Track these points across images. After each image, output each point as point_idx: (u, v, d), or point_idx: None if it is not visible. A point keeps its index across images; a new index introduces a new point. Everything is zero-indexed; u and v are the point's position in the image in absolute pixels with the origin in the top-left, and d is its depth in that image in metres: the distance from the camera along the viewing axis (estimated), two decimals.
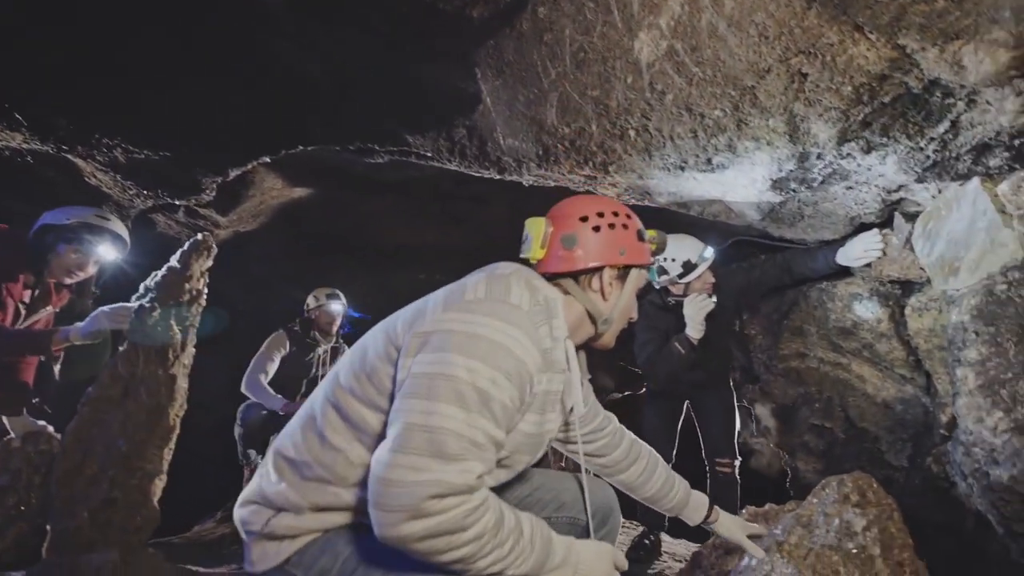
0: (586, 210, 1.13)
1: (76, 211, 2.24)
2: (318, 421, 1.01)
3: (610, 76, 1.91)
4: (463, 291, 0.99)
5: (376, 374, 0.98)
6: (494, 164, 2.58)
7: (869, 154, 1.68)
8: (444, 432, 0.85)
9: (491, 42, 2.13)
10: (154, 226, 3.55)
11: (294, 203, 3.97)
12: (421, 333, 0.94)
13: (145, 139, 2.48)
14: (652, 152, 2.04)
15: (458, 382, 0.87)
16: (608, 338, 1.18)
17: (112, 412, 1.72)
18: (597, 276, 1.12)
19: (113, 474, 1.69)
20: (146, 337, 1.77)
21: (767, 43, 1.46)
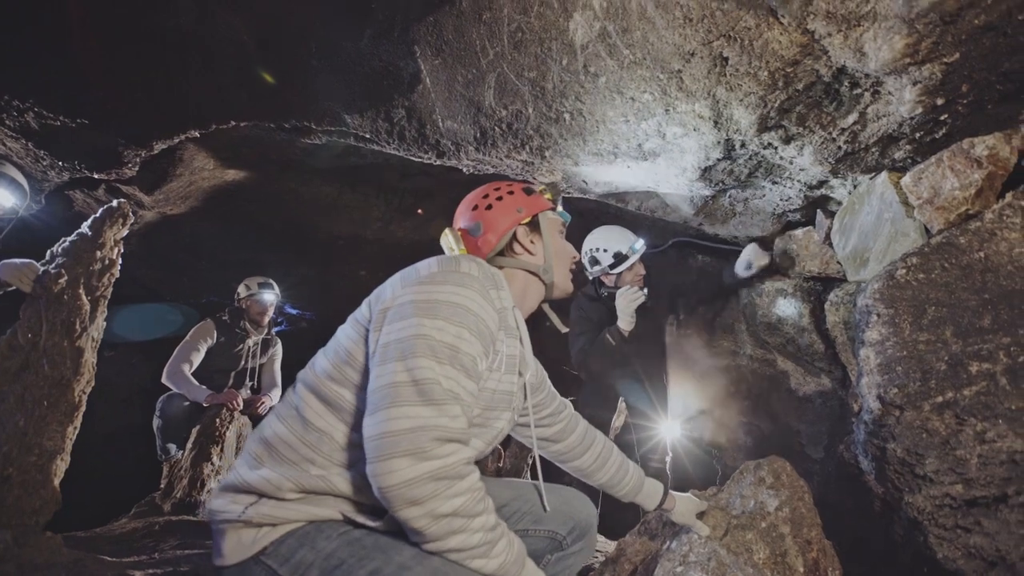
0: (473, 200, 1.29)
1: None
2: (299, 408, 1.04)
3: (546, 58, 1.92)
4: (417, 270, 1.06)
5: (351, 356, 1.04)
6: (433, 147, 2.54)
7: (788, 144, 1.74)
8: (428, 382, 0.92)
9: (430, 19, 2.11)
10: (71, 204, 3.33)
11: (227, 187, 3.81)
12: (383, 309, 1.01)
13: (61, 103, 2.32)
14: (586, 137, 2.05)
15: (428, 339, 0.94)
16: (560, 281, 1.29)
17: (9, 385, 1.58)
18: (514, 241, 1.26)
19: (7, 450, 1.54)
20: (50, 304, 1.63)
21: (691, 25, 1.49)
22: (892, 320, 1.51)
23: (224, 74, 2.42)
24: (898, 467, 1.42)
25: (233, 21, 2.25)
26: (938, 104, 1.37)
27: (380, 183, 4.21)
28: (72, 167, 2.75)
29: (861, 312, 1.63)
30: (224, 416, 3.22)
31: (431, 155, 2.58)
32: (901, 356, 1.47)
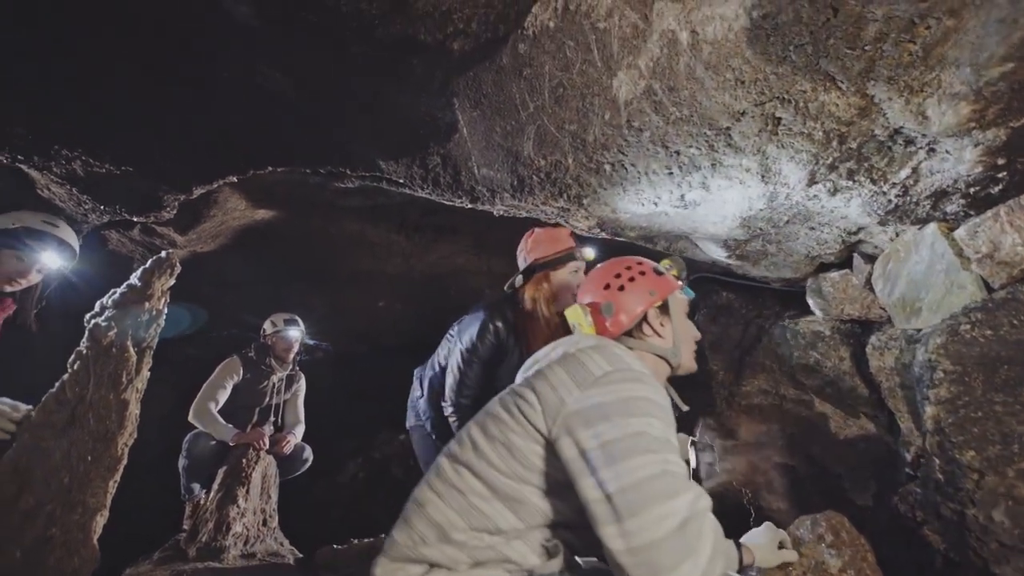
0: (603, 279, 1.32)
1: (22, 217, 2.11)
2: (465, 492, 1.07)
3: (588, 112, 1.95)
4: (586, 369, 1.07)
5: (520, 452, 1.06)
6: (467, 193, 2.57)
7: (835, 196, 1.75)
8: (661, 476, 0.93)
9: (470, 73, 2.15)
10: (106, 243, 3.37)
11: (256, 225, 3.86)
12: (569, 414, 1.02)
13: (108, 152, 2.37)
14: (627, 187, 2.07)
15: (646, 436, 0.97)
16: (686, 362, 1.32)
17: (55, 440, 1.58)
18: (644, 323, 1.29)
19: (52, 509, 1.53)
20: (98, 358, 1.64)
21: (743, 87, 1.52)
22: (961, 378, 1.49)
23: (264, 123, 2.47)
24: (980, 535, 1.39)
25: (274, 74, 2.30)
26: (999, 163, 1.38)
27: (403, 220, 4.26)
28: (113, 211, 2.79)
29: (923, 367, 1.61)
30: (251, 456, 3.21)
31: (464, 200, 2.61)
32: (976, 417, 1.45)
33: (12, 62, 2.04)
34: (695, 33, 1.52)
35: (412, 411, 2.64)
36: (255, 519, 3.07)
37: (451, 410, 2.30)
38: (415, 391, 2.69)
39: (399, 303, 5.22)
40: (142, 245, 3.45)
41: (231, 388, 3.43)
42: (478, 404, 2.23)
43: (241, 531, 2.92)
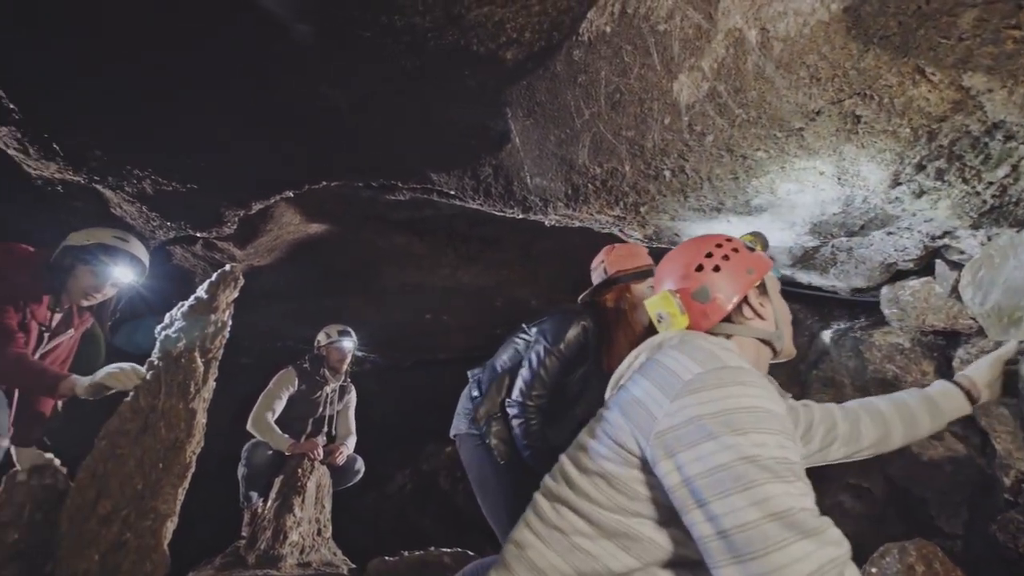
0: (693, 259, 1.14)
1: (96, 233, 2.21)
2: (567, 532, 0.95)
3: (647, 117, 1.90)
4: (674, 375, 0.93)
5: (619, 480, 0.93)
6: (519, 203, 2.55)
7: (920, 198, 1.63)
8: (789, 511, 0.78)
9: (523, 82, 2.13)
10: (171, 258, 3.52)
11: (309, 239, 3.95)
12: (660, 432, 0.88)
13: (175, 171, 2.47)
14: (688, 193, 2.00)
15: (756, 461, 0.81)
16: (788, 346, 1.18)
17: (129, 447, 1.63)
18: (745, 305, 1.13)
19: (126, 514, 1.58)
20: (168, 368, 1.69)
21: (818, 85, 1.43)
22: None
23: (319, 139, 2.52)
24: None
25: (329, 91, 2.35)
26: None
27: (450, 231, 4.28)
28: (178, 227, 2.91)
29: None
30: (306, 466, 3.26)
31: (516, 210, 2.59)
32: None
33: (90, 91, 2.16)
34: (765, 30, 1.45)
35: (464, 418, 2.50)
36: (310, 528, 3.10)
37: (517, 411, 2.19)
38: (471, 392, 2.54)
39: (446, 315, 5.24)
40: (204, 259, 3.58)
41: (286, 399, 3.50)
42: (543, 411, 2.21)
43: (297, 540, 2.95)
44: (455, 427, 2.54)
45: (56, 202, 2.73)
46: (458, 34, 2.00)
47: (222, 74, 2.20)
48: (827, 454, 1.31)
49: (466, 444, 2.46)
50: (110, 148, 2.38)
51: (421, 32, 2.01)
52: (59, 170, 2.47)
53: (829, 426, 1.30)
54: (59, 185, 2.64)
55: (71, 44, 2.02)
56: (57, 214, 2.80)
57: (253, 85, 2.26)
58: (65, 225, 2.75)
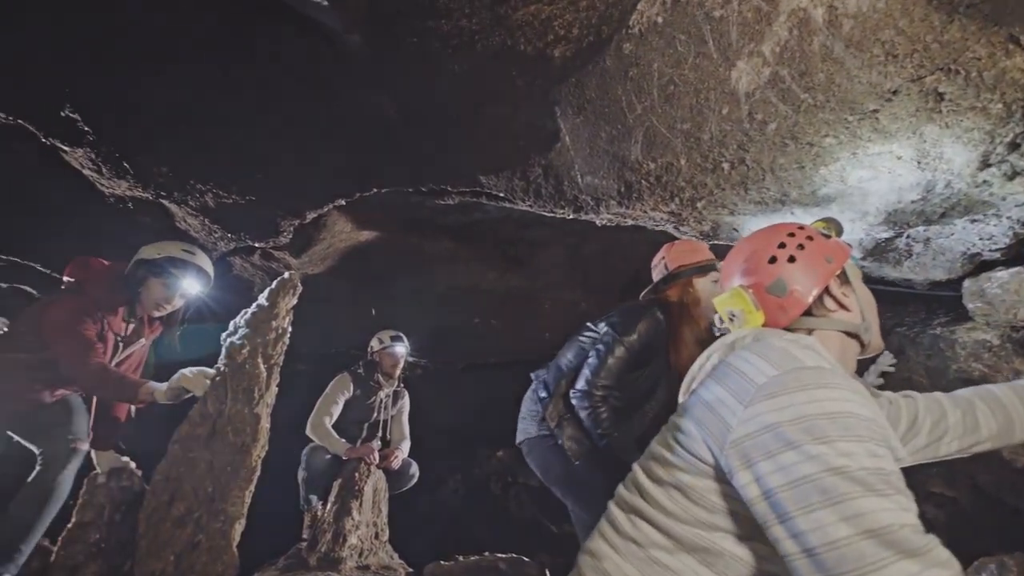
0: (765, 250, 1.06)
1: (166, 247, 2.31)
2: (645, 546, 0.90)
3: (703, 108, 1.83)
4: (747, 378, 0.86)
5: (695, 491, 0.87)
6: (570, 203, 2.51)
7: (1012, 180, 1.49)
8: (891, 528, 0.70)
9: (572, 79, 2.10)
10: (231, 268, 3.66)
11: (360, 246, 4.04)
12: (735, 441, 0.82)
13: (235, 184, 2.57)
14: (748, 186, 1.91)
15: (846, 473, 0.74)
16: (876, 338, 1.09)
17: (200, 451, 1.69)
18: (826, 297, 1.04)
19: (199, 516, 1.63)
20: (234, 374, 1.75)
21: (895, 62, 1.34)
22: None
23: (369, 147, 2.56)
24: None
25: (379, 98, 2.38)
26: None
27: (497, 235, 4.28)
28: (238, 238, 3.02)
29: None
30: (363, 470, 3.31)
31: (567, 210, 2.55)
32: None
33: (155, 112, 2.27)
34: (832, 8, 1.36)
35: (532, 421, 2.37)
36: (368, 532, 3.14)
37: (583, 400, 2.11)
38: (537, 393, 2.41)
39: (494, 318, 5.24)
40: (262, 269, 3.71)
41: (342, 404, 3.57)
42: (610, 403, 2.14)
43: (356, 543, 3.00)
44: (523, 432, 2.42)
45: (126, 218, 2.88)
46: (505, 34, 1.98)
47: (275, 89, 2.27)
48: (937, 448, 1.19)
49: (538, 448, 2.34)
50: (175, 165, 2.49)
51: (468, 34, 2.00)
52: (129, 188, 2.61)
53: (937, 417, 1.18)
54: (129, 202, 2.78)
55: (139, 70, 2.12)
56: (127, 229, 2.95)
57: (304, 97, 2.32)
58: (135, 239, 2.91)
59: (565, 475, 2.21)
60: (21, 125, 2.30)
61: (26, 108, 2.24)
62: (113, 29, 1.96)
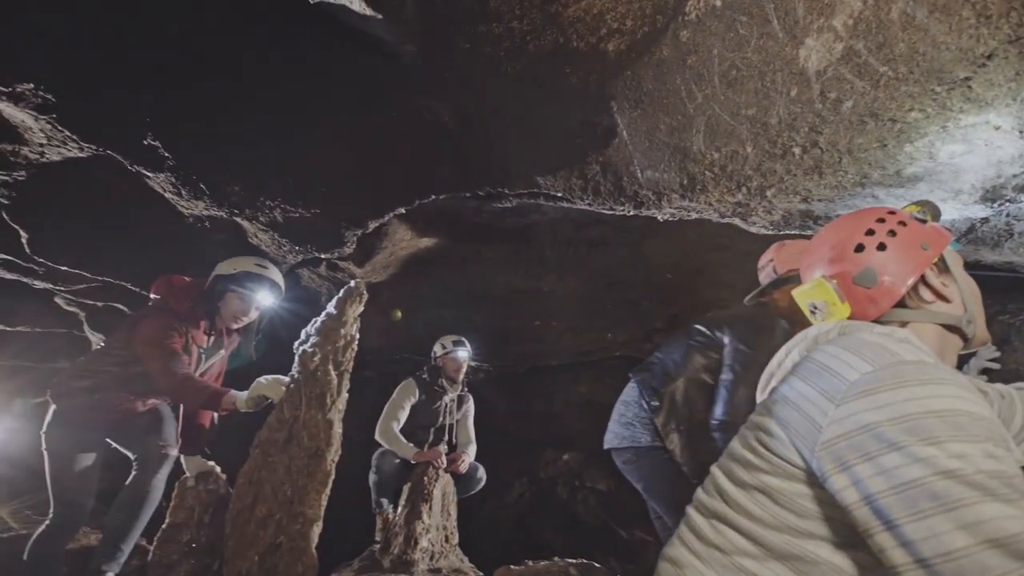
0: (853, 239, 0.98)
1: (240, 262, 2.44)
2: (730, 553, 0.84)
3: (769, 91, 1.73)
4: (838, 375, 0.80)
5: (783, 497, 0.81)
6: (630, 199, 2.45)
7: None
8: (1019, 538, 0.64)
9: (628, 72, 2.05)
10: (299, 280, 3.82)
11: (420, 253, 4.11)
12: (834, 441, 0.75)
13: (300, 198, 2.67)
14: (823, 170, 1.80)
15: (958, 476, 0.67)
16: (980, 331, 1.01)
17: (278, 455, 1.76)
18: (922, 287, 0.97)
19: (279, 518, 1.70)
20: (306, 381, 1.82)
21: (988, 24, 1.21)
22: None
23: (426, 154, 2.60)
24: None
25: (435, 107, 2.42)
26: None
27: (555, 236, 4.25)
28: (304, 250, 3.14)
29: None
30: (431, 474, 3.36)
31: (627, 207, 2.49)
32: None
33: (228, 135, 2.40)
34: None
35: (641, 427, 2.21)
36: (438, 535, 3.18)
37: (724, 428, 1.97)
38: (647, 400, 2.25)
39: (555, 320, 5.21)
40: (328, 280, 3.85)
41: (409, 409, 3.65)
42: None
43: (427, 546, 3.04)
44: (629, 438, 2.26)
45: (204, 236, 3.06)
46: (557, 32, 1.96)
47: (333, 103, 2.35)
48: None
49: (648, 459, 2.19)
50: (246, 183, 2.63)
51: (519, 36, 2.00)
52: (206, 207, 2.77)
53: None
54: (206, 221, 2.96)
55: (207, 96, 2.25)
56: (205, 246, 3.14)
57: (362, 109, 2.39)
58: (212, 255, 3.09)
59: (674, 494, 2.09)
60: (109, 155, 2.49)
61: (112, 139, 2.42)
62: (183, 59, 2.09)
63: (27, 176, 2.70)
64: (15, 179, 2.68)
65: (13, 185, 2.73)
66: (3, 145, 2.49)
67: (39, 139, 2.45)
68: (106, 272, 3.40)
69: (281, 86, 2.24)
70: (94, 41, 2.02)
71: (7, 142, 2.47)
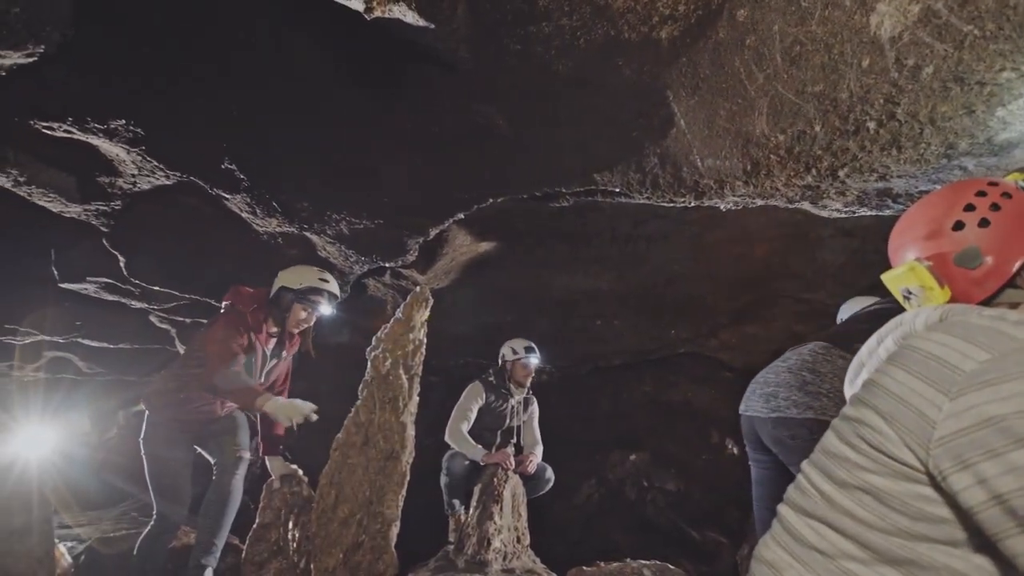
0: (950, 216, 0.91)
1: (304, 275, 2.60)
2: (820, 547, 0.80)
3: (837, 64, 1.65)
4: (943, 364, 0.74)
5: (891, 498, 0.75)
6: (691, 190, 2.38)
7: None
8: None
9: (682, 59, 2.00)
10: (366, 289, 3.96)
11: (479, 257, 4.17)
12: (953, 436, 0.70)
13: (364, 209, 2.78)
14: (902, 143, 1.68)
15: None
16: None
17: (356, 457, 1.84)
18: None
19: (360, 517, 1.77)
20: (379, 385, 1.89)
21: None
22: None
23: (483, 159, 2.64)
24: None
25: (487, 110, 2.45)
26: None
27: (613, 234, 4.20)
28: (370, 260, 3.26)
29: None
30: (500, 475, 3.38)
31: (688, 198, 2.42)
32: None
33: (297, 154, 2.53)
34: None
35: (830, 401, 1.97)
36: (510, 536, 3.20)
37: None
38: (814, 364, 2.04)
39: (617, 319, 5.14)
40: (392, 288, 3.97)
41: (476, 411, 3.70)
42: None
43: (500, 547, 3.06)
44: (818, 410, 1.97)
45: (278, 252, 3.24)
46: (607, 25, 1.95)
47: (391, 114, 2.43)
48: None
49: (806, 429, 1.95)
50: (314, 199, 2.76)
51: (569, 32, 1.99)
52: (278, 224, 2.93)
53: None
54: (279, 237, 3.13)
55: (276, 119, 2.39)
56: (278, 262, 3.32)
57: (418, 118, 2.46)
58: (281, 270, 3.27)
59: None
60: (192, 181, 2.69)
61: (194, 165, 2.61)
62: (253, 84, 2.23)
63: (122, 205, 2.96)
64: (112, 208, 2.94)
65: (111, 214, 2.99)
66: (101, 178, 2.74)
67: (131, 170, 2.67)
68: (192, 290, 3.66)
69: (345, 104, 2.35)
70: (175, 77, 2.19)
71: (104, 175, 2.72)
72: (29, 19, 1.86)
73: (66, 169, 2.70)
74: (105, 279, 3.61)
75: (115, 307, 4.10)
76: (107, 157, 2.59)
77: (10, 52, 1.89)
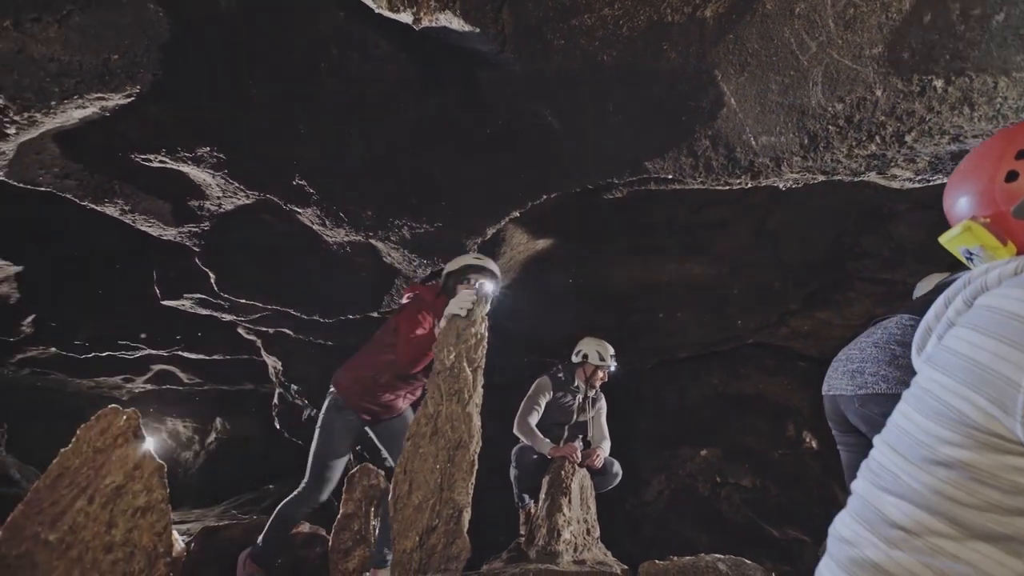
0: (1001, 167, 0.84)
1: (462, 259, 2.71)
2: (906, 526, 0.76)
3: (896, 23, 1.58)
4: (1018, 323, 0.70)
5: (983, 472, 0.71)
6: (746, 170, 2.33)
7: None
8: None
9: (729, 36, 1.97)
10: None
11: (537, 255, 4.22)
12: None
13: (424, 214, 2.91)
14: (974, 100, 1.59)
15: None
16: None
17: (427, 447, 1.93)
18: None
19: (433, 503, 1.87)
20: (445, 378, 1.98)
21: None
22: None
23: (534, 156, 2.70)
24: None
25: (536, 107, 2.50)
26: None
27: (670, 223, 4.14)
28: (432, 262, 3.39)
29: None
30: (568, 468, 3.41)
31: (744, 179, 2.38)
32: None
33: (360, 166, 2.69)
34: None
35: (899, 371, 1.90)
36: (580, 528, 3.22)
37: None
38: (901, 335, 1.96)
39: (679, 311, 5.04)
40: None
41: (544, 405, 3.74)
42: None
43: (570, 538, 3.09)
44: (887, 380, 1.91)
45: (346, 260, 3.43)
46: (650, 11, 1.96)
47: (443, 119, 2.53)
48: None
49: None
50: (377, 207, 2.91)
51: (612, 22, 2.02)
52: (346, 234, 3.11)
53: None
54: (347, 246, 3.31)
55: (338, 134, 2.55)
56: (347, 270, 3.52)
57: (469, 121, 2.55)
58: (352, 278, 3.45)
59: None
60: (268, 199, 2.91)
61: (269, 184, 2.83)
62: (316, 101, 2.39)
63: (210, 226, 3.24)
64: (202, 229, 3.23)
65: (201, 234, 3.29)
66: (192, 201, 3.02)
67: (216, 193, 2.93)
68: (274, 300, 3.94)
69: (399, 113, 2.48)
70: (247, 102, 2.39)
71: (195, 199, 3.00)
72: (126, 64, 2.10)
73: (162, 196, 3.00)
74: (199, 295, 3.96)
75: (208, 321, 4.47)
76: (195, 182, 2.86)
77: (112, 94, 2.14)
